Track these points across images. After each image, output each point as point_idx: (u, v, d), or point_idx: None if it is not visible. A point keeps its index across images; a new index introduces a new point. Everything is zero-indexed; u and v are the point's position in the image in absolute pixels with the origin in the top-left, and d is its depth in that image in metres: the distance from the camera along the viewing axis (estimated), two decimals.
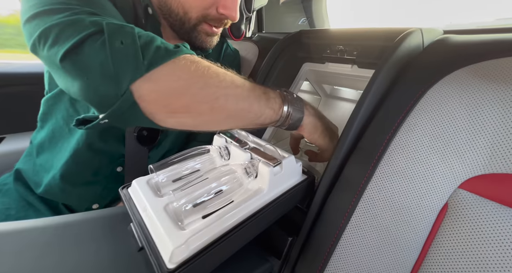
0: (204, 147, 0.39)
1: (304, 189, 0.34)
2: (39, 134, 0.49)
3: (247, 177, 0.33)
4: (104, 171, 0.48)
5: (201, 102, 0.28)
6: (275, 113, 0.33)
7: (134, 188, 0.30)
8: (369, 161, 0.29)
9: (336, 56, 0.45)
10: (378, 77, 0.33)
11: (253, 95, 0.31)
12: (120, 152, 0.48)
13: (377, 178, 0.29)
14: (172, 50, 0.28)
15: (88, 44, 0.25)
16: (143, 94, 0.26)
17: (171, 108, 0.28)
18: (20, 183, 0.48)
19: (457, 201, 0.25)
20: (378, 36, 0.40)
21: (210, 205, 0.28)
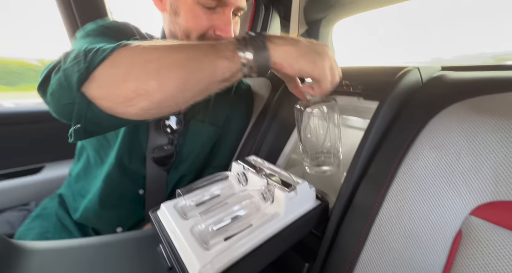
0: (223, 173, 0.43)
1: (319, 215, 0.36)
2: (77, 166, 0.55)
3: (264, 202, 0.35)
4: (129, 194, 0.53)
5: (146, 80, 0.27)
6: (232, 62, 0.30)
7: (163, 211, 0.34)
8: (379, 188, 0.31)
9: (343, 89, 0.50)
10: (382, 108, 0.36)
11: (198, 53, 0.29)
12: (142, 173, 0.53)
13: (388, 204, 0.30)
14: (109, 46, 0.28)
15: (52, 74, 0.30)
16: (93, 93, 0.28)
17: (122, 97, 0.28)
18: (62, 208, 0.53)
19: (470, 228, 0.26)
20: (381, 73, 0.45)
21: (231, 228, 0.30)
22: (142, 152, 0.52)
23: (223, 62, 0.29)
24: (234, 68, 0.30)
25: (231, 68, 0.30)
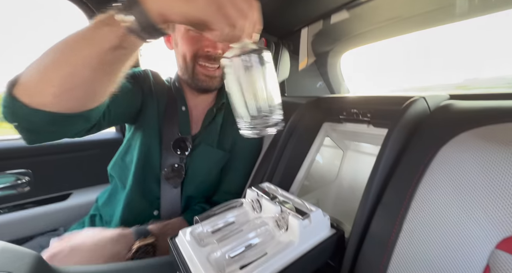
0: (238, 200, 0.44)
1: (334, 244, 0.35)
2: (104, 194, 0.60)
3: (278, 229, 0.36)
4: (145, 215, 0.55)
5: (45, 72, 0.31)
6: (113, 26, 0.28)
7: (181, 238, 0.35)
8: (395, 216, 0.31)
9: (352, 117, 0.52)
10: (392, 136, 0.37)
11: (77, 33, 0.30)
12: (157, 194, 0.55)
13: (406, 234, 0.29)
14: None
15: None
16: (17, 93, 0.32)
17: (34, 90, 0.32)
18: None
19: (498, 263, 0.25)
20: (388, 102, 0.47)
21: (247, 256, 0.31)
22: (156, 172, 0.55)
23: (104, 29, 0.29)
24: (118, 31, 0.28)
25: (115, 32, 0.29)
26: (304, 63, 1.22)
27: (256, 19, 0.30)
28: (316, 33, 1.06)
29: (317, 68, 1.28)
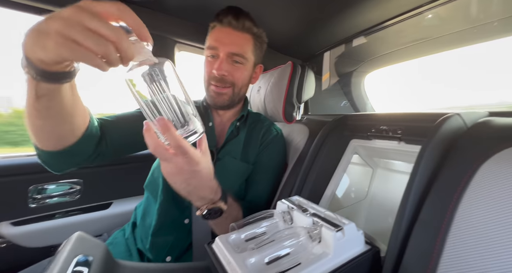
0: (269, 211, 0.45)
1: (370, 261, 0.34)
2: (141, 205, 0.65)
3: (310, 241, 0.36)
4: (177, 223, 0.58)
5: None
6: (29, 79, 0.29)
7: (217, 244, 0.37)
8: (435, 235, 0.30)
9: (382, 134, 0.53)
10: (426, 153, 0.37)
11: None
12: (188, 204, 0.58)
13: (449, 252, 0.28)
14: None
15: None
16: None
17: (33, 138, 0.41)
18: (132, 236, 0.62)
19: None
20: (420, 119, 0.47)
21: (281, 263, 0.32)
22: None
23: (27, 83, 0.30)
24: (31, 83, 0.29)
25: (30, 84, 0.30)
26: (327, 84, 1.26)
27: (136, 27, 0.25)
28: (339, 55, 1.11)
29: (341, 87, 1.31)
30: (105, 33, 0.23)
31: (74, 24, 0.22)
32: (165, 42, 0.87)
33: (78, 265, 0.23)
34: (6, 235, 0.72)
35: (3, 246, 0.72)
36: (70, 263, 0.23)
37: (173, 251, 0.57)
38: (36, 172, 0.77)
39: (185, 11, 0.79)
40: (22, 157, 0.78)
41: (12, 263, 0.73)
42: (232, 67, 0.59)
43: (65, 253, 0.24)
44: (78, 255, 0.24)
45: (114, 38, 0.23)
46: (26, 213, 0.76)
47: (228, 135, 0.65)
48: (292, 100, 0.79)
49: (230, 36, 0.58)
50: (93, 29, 0.22)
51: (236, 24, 0.57)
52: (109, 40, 0.23)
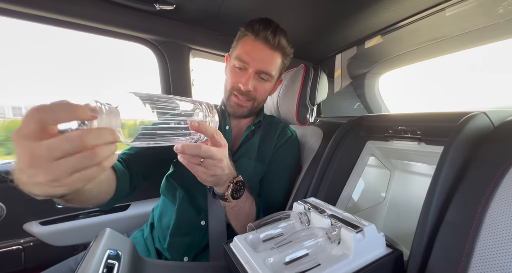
0: (286, 212, 0.45)
1: (392, 264, 0.33)
2: (158, 206, 0.68)
3: (329, 242, 0.36)
4: (193, 224, 0.59)
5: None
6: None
7: (236, 244, 0.37)
8: (464, 236, 0.29)
9: (400, 135, 0.51)
10: (449, 153, 0.36)
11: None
12: (205, 207, 0.59)
13: (480, 253, 0.27)
14: None
15: None
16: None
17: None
18: (150, 236, 0.64)
19: None
20: (441, 119, 0.46)
21: (300, 265, 0.32)
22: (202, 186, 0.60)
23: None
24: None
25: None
26: (339, 86, 1.25)
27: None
28: (351, 57, 1.10)
29: (353, 89, 1.29)
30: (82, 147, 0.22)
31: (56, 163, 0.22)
32: (180, 49, 0.91)
33: (110, 259, 0.25)
34: (36, 233, 0.76)
35: (33, 244, 0.76)
36: (103, 256, 0.25)
37: (190, 251, 0.58)
38: None
39: (200, 19, 0.83)
40: None
41: (41, 261, 0.77)
42: (258, 83, 0.60)
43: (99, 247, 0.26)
44: (109, 249, 0.26)
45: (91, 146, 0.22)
46: (54, 213, 0.80)
47: (244, 138, 0.66)
48: (305, 102, 0.80)
49: (263, 53, 0.57)
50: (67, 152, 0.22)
51: (273, 41, 0.56)
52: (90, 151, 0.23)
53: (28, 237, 0.76)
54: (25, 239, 0.76)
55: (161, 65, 0.91)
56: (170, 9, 0.73)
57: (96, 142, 0.22)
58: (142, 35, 0.84)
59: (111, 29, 0.78)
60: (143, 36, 0.84)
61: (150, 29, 0.82)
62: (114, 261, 0.24)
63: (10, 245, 0.74)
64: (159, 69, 0.93)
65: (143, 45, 0.88)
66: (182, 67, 0.93)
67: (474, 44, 0.67)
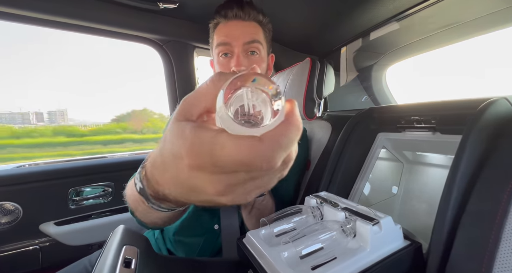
0: (297, 206, 0.45)
1: (411, 256, 0.32)
2: None
3: (344, 236, 0.35)
4: (206, 227, 0.58)
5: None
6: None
7: (249, 239, 0.37)
8: (490, 226, 0.27)
9: (413, 125, 0.50)
10: (468, 142, 0.35)
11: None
12: (217, 211, 0.59)
13: (509, 246, 0.26)
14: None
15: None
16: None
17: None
18: (161, 236, 0.64)
19: None
20: (457, 106, 0.44)
21: (316, 258, 0.31)
22: None
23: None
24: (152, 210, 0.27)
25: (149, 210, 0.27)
26: (345, 79, 1.22)
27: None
28: (358, 49, 1.07)
29: (360, 82, 1.26)
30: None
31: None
32: (185, 47, 0.91)
33: (127, 254, 0.25)
34: (52, 233, 0.78)
35: (49, 244, 0.78)
36: (120, 252, 0.25)
37: (204, 253, 0.57)
38: (74, 176, 0.83)
39: (204, 16, 0.82)
40: (62, 163, 0.85)
41: (57, 260, 0.79)
42: (250, 61, 0.58)
43: (115, 243, 0.26)
44: (125, 245, 0.26)
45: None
46: (68, 213, 0.82)
47: None
48: (312, 96, 0.78)
49: (239, 28, 0.56)
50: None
51: (243, 14, 0.55)
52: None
53: (44, 238, 0.78)
54: (42, 239, 0.78)
55: (166, 64, 0.92)
56: (174, 8, 0.73)
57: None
58: (147, 35, 0.84)
59: (114, 30, 0.78)
60: (147, 36, 0.85)
61: (154, 29, 0.82)
62: (131, 256, 0.24)
63: (27, 245, 0.76)
64: (164, 69, 0.93)
65: (148, 45, 0.88)
66: (187, 66, 0.93)
67: (491, 29, 0.64)
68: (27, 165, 0.81)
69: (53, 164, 0.83)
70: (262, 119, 0.16)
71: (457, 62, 0.88)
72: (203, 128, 0.14)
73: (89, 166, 0.86)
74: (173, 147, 0.15)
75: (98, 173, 0.87)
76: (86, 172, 0.85)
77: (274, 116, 0.15)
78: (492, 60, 0.78)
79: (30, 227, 0.76)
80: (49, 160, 0.86)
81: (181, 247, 0.57)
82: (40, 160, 0.85)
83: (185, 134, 0.14)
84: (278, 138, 0.14)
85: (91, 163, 0.88)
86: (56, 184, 0.80)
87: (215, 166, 0.14)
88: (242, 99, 0.15)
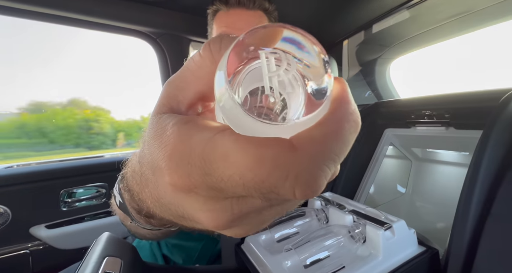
0: (300, 209, 0.41)
1: (427, 264, 0.29)
2: None
3: (353, 242, 0.32)
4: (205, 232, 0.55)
5: None
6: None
7: (248, 245, 0.34)
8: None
9: (424, 120, 0.46)
10: (491, 138, 0.31)
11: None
12: None
13: None
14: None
15: None
16: None
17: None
18: (156, 241, 0.60)
19: None
20: (474, 99, 0.40)
21: (322, 268, 0.28)
22: None
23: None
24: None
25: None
26: (347, 74, 1.19)
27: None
28: (360, 42, 1.03)
29: (363, 77, 1.22)
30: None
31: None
32: (180, 41, 0.87)
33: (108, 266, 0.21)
34: (43, 237, 0.75)
35: (40, 248, 0.75)
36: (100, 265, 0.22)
37: (202, 258, 0.54)
38: (66, 177, 0.80)
39: (199, 7, 0.78)
40: (53, 163, 0.82)
41: (48, 265, 0.76)
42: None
43: (95, 254, 0.23)
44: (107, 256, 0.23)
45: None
46: (59, 216, 0.79)
47: None
48: None
49: (243, 18, 0.50)
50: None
51: (247, 2, 0.49)
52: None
53: (35, 241, 0.75)
54: (32, 243, 0.75)
55: (160, 59, 0.88)
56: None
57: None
58: (139, 27, 0.80)
59: (105, 22, 0.74)
60: (139, 29, 0.81)
61: (147, 21, 0.78)
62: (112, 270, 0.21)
63: (17, 250, 0.72)
64: (158, 64, 0.89)
65: (141, 38, 0.84)
66: (182, 60, 0.89)
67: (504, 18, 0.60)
68: (15, 166, 0.78)
69: (44, 165, 0.80)
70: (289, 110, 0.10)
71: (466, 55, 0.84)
72: (193, 125, 0.09)
73: (81, 166, 0.83)
74: (151, 154, 0.10)
75: (91, 174, 0.84)
76: (79, 172, 0.82)
77: (311, 106, 0.09)
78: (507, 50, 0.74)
79: (19, 230, 0.73)
80: (39, 160, 0.83)
81: (178, 252, 0.54)
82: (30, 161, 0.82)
83: (166, 136, 0.09)
84: (325, 144, 0.08)
85: (83, 163, 0.85)
86: (47, 186, 0.77)
87: (212, 189, 0.09)
88: (260, 75, 0.09)
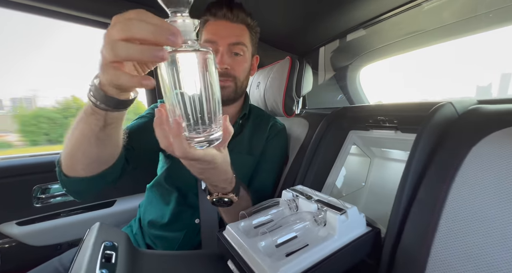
0: (275, 200, 0.48)
1: (372, 240, 0.37)
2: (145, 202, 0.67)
3: (316, 225, 0.38)
4: (187, 221, 0.59)
5: (67, 154, 0.42)
6: (96, 113, 0.33)
7: (229, 231, 0.39)
8: (431, 211, 0.33)
9: (379, 124, 0.55)
10: (421, 140, 0.40)
11: (76, 124, 0.37)
12: (196, 205, 0.60)
13: (444, 226, 0.31)
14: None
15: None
16: (62, 168, 0.44)
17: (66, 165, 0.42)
18: (140, 231, 0.63)
19: None
20: (414, 108, 0.50)
21: (290, 246, 0.34)
22: (194, 185, 0.61)
23: (91, 117, 0.33)
24: (101, 116, 0.33)
25: (98, 117, 0.33)
26: (323, 78, 1.28)
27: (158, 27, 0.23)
28: (334, 50, 1.12)
29: (336, 81, 1.33)
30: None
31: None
32: None
33: (107, 249, 0.25)
34: (12, 234, 0.72)
35: (10, 246, 0.73)
36: (99, 247, 0.25)
37: (182, 248, 0.58)
38: (40, 172, 0.77)
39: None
40: (26, 158, 0.78)
41: (21, 262, 0.74)
42: (233, 60, 0.59)
43: (92, 240, 0.26)
44: (104, 241, 0.26)
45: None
46: (32, 212, 0.76)
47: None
48: (291, 94, 0.81)
49: (227, 28, 0.58)
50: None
51: (231, 16, 0.57)
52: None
53: (4, 239, 0.72)
54: (1, 240, 0.72)
55: None
56: None
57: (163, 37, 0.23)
58: None
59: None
60: None
61: None
62: (111, 251, 0.25)
63: None
64: None
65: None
66: None
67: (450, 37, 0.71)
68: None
69: (14, 160, 0.77)
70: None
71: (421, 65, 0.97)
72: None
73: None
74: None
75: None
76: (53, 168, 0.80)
77: None
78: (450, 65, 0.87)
79: None
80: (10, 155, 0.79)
81: (160, 242, 0.58)
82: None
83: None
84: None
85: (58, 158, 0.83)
86: (18, 182, 0.74)
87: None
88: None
